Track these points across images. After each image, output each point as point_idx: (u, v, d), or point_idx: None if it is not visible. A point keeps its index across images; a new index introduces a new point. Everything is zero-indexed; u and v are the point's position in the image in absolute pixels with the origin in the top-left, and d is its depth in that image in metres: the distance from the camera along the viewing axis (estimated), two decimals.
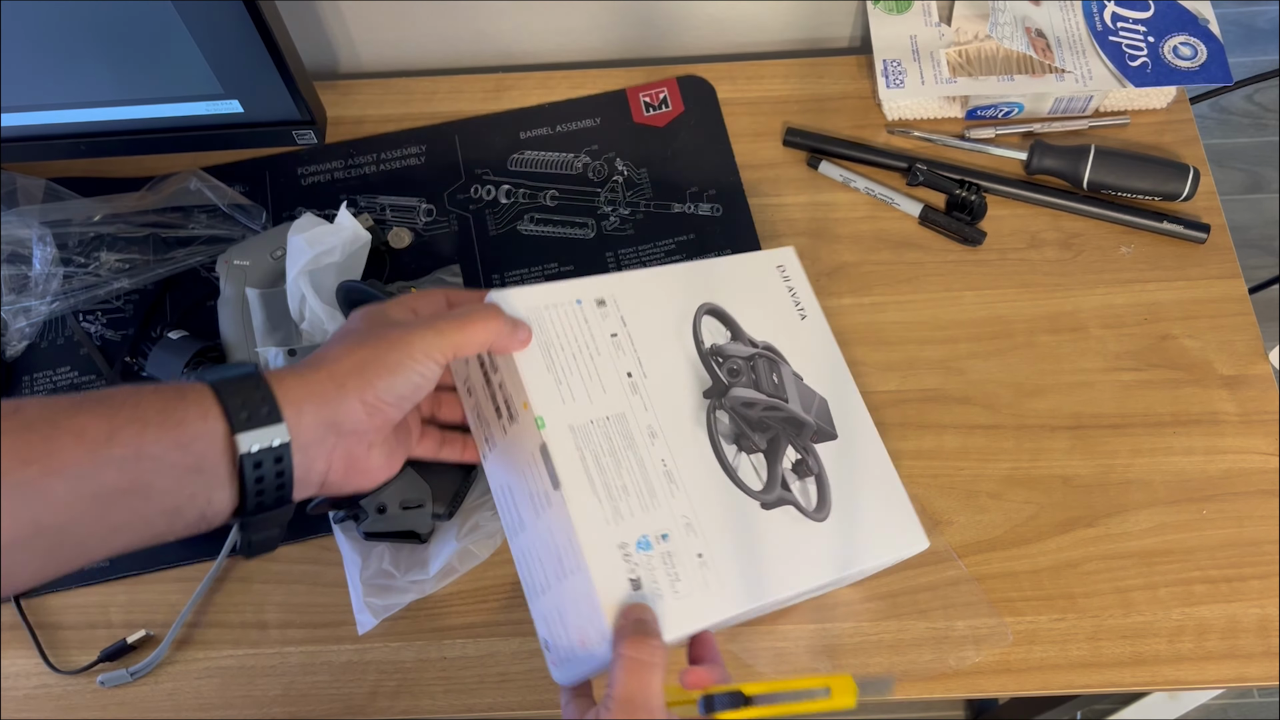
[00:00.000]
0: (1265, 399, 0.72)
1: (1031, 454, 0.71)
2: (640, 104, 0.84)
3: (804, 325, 0.63)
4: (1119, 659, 0.65)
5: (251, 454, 0.42)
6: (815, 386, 0.61)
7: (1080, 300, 0.75)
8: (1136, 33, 0.79)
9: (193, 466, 0.41)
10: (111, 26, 0.64)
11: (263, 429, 0.42)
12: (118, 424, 0.39)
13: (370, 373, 0.45)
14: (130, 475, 0.39)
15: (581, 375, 0.53)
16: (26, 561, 0.39)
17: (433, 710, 0.65)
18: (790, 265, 0.65)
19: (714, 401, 0.57)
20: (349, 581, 0.66)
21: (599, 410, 0.53)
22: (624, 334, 0.56)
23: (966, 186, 0.78)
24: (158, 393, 0.41)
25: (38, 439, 0.38)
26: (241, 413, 0.41)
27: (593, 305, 0.56)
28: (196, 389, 0.42)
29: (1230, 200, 1.66)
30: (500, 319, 0.50)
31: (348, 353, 0.45)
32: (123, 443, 0.39)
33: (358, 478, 0.49)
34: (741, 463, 0.56)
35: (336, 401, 0.44)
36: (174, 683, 0.66)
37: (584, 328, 0.55)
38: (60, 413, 0.39)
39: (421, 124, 0.83)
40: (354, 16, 0.84)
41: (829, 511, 0.57)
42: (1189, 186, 0.76)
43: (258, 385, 0.43)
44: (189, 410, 0.41)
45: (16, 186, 0.77)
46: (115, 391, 0.41)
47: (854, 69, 0.85)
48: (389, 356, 0.46)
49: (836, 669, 0.65)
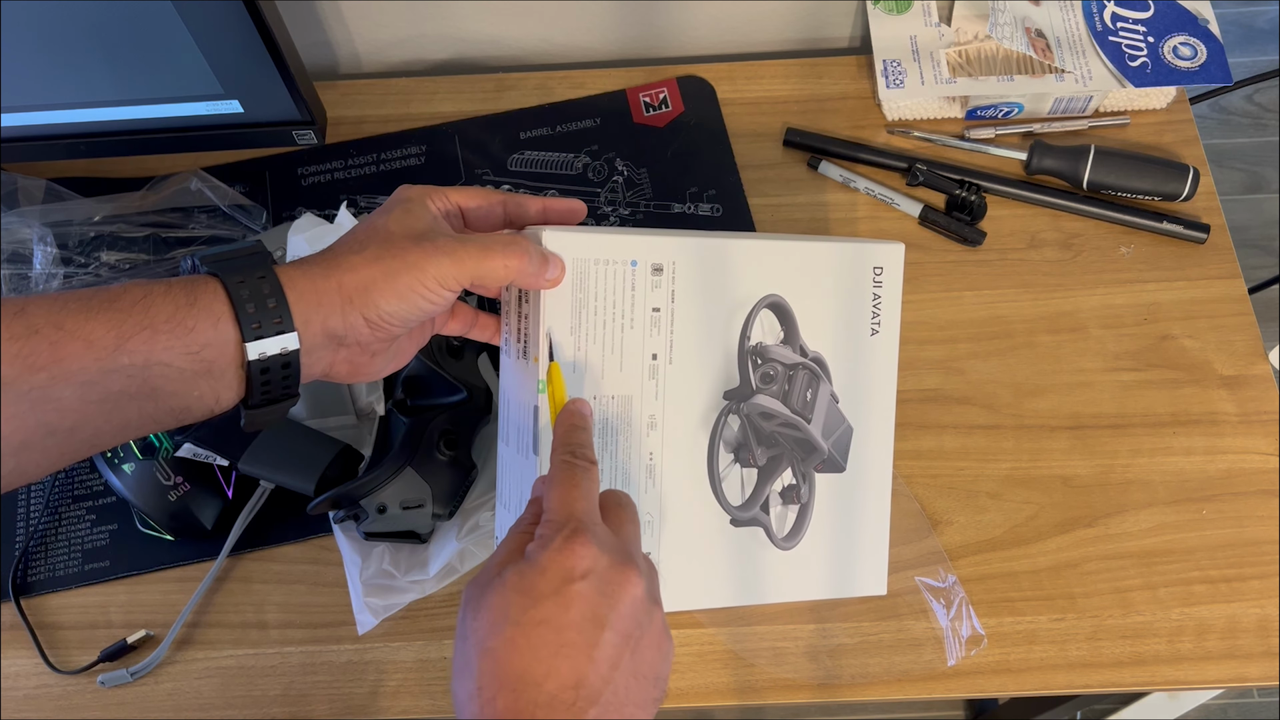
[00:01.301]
0: (1265, 399, 0.72)
1: (1031, 454, 0.71)
2: (640, 104, 0.84)
3: (870, 342, 0.56)
4: (1118, 659, 0.65)
5: (261, 359, 0.42)
6: (849, 412, 0.56)
7: (1080, 300, 0.75)
8: (1136, 33, 0.79)
9: (202, 371, 0.41)
10: (111, 26, 0.64)
11: (273, 338, 0.42)
12: (126, 331, 0.39)
13: (377, 293, 0.44)
14: (139, 381, 0.40)
15: (604, 347, 0.49)
16: (38, 459, 0.40)
17: (433, 710, 0.65)
18: (890, 268, 0.57)
19: (732, 405, 0.53)
20: (349, 581, 0.66)
21: (608, 388, 0.50)
22: (668, 310, 0.51)
23: (966, 187, 0.78)
24: (168, 294, 0.41)
25: (45, 345, 0.38)
26: (252, 321, 0.41)
27: (647, 271, 0.50)
28: (208, 291, 0.41)
29: (1230, 200, 1.66)
30: (525, 256, 0.46)
31: (363, 264, 0.44)
32: (132, 350, 0.39)
33: (362, 376, 0.49)
34: (730, 474, 0.54)
35: (341, 315, 0.44)
36: (174, 683, 0.66)
37: (628, 295, 0.50)
38: (68, 316, 0.39)
39: (421, 124, 0.84)
40: (354, 16, 0.84)
41: (798, 543, 0.55)
42: (1189, 186, 0.76)
43: (270, 291, 0.42)
44: (200, 317, 0.41)
45: (17, 186, 0.77)
46: (123, 292, 0.40)
47: (854, 69, 0.85)
48: (401, 279, 0.44)
49: (837, 668, 0.65)
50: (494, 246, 0.45)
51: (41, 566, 0.69)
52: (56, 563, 0.69)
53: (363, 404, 0.70)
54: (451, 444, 0.64)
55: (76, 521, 0.70)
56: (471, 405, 0.66)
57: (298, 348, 0.43)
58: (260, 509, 0.68)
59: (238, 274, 0.42)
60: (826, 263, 0.55)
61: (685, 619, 0.66)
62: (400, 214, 0.46)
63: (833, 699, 0.64)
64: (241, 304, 0.41)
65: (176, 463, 0.67)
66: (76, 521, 0.70)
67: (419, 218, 0.47)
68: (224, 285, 0.42)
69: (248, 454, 0.66)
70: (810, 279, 0.54)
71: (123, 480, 0.67)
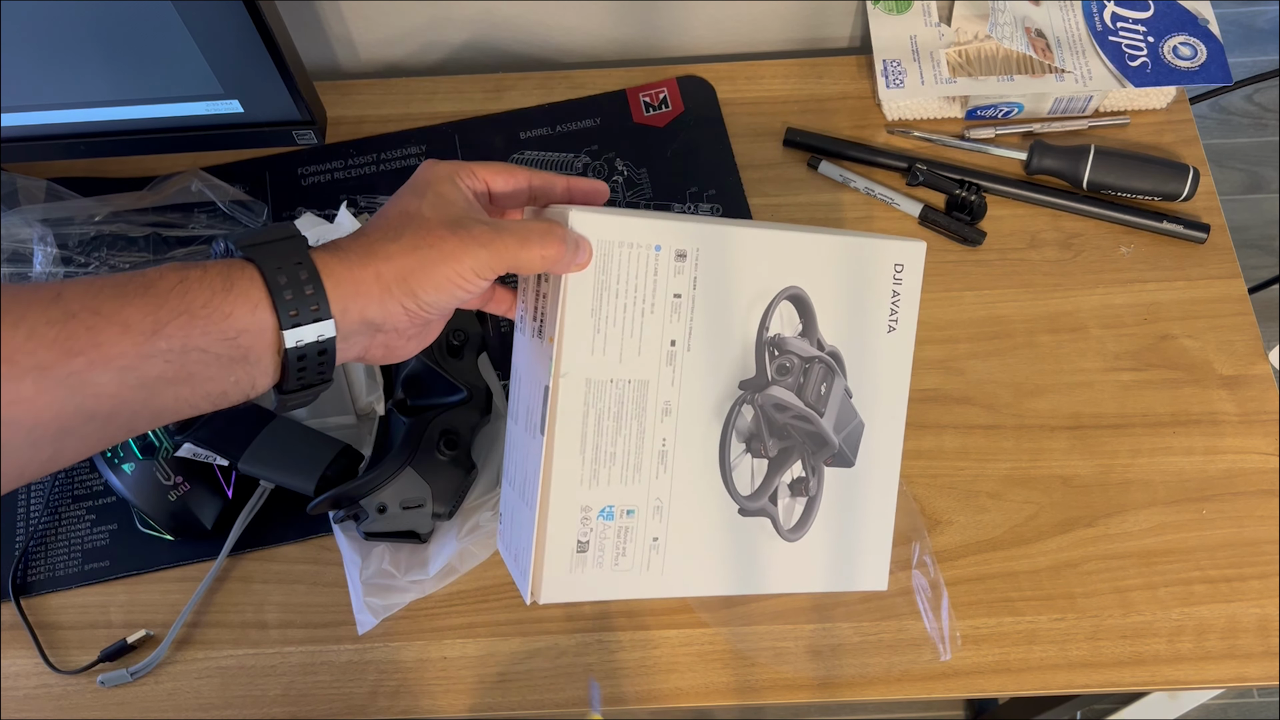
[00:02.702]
0: (1265, 399, 0.72)
1: (1031, 454, 0.71)
2: (640, 104, 0.84)
3: (886, 339, 0.56)
4: (1118, 659, 0.65)
5: (298, 347, 0.42)
6: (861, 408, 0.56)
7: (1080, 300, 0.75)
8: (1136, 33, 0.79)
9: (239, 357, 0.41)
10: (111, 26, 0.64)
11: (310, 325, 0.42)
12: (164, 316, 0.39)
13: (415, 283, 0.44)
14: (176, 366, 0.40)
15: (623, 331, 0.49)
16: (77, 445, 0.39)
17: (433, 710, 0.65)
18: (910, 266, 0.56)
19: (747, 394, 0.53)
20: (349, 581, 0.66)
21: (625, 372, 0.49)
22: (689, 297, 0.50)
23: (966, 186, 0.78)
24: (204, 279, 0.40)
25: (82, 329, 0.38)
26: (290, 309, 0.41)
27: (671, 256, 0.49)
28: (244, 277, 0.41)
29: (1230, 200, 1.66)
30: (562, 244, 0.46)
31: (400, 253, 0.44)
32: (169, 335, 0.39)
33: (396, 357, 0.50)
34: (741, 463, 0.54)
35: (379, 304, 0.44)
36: (174, 683, 0.66)
37: (650, 280, 0.49)
38: (105, 300, 0.39)
39: (421, 124, 0.84)
40: (354, 16, 0.84)
41: (804, 535, 0.55)
42: (1189, 186, 0.76)
43: (308, 278, 0.42)
44: (236, 304, 0.40)
45: (17, 186, 0.77)
46: (160, 276, 0.40)
47: (854, 69, 0.85)
48: (438, 270, 0.44)
49: (837, 668, 0.65)
50: (531, 237, 0.45)
51: (41, 566, 0.69)
52: (56, 562, 0.69)
53: (363, 404, 0.70)
54: (451, 444, 0.64)
55: (76, 521, 0.70)
56: (471, 405, 0.66)
57: (334, 335, 0.43)
58: (260, 509, 0.68)
59: (275, 259, 0.42)
60: (842, 255, 0.54)
61: (688, 619, 0.66)
62: (433, 198, 0.46)
63: (833, 698, 0.64)
64: (279, 291, 0.41)
65: (176, 462, 0.67)
66: (76, 521, 0.70)
67: (452, 202, 0.46)
68: (261, 271, 0.41)
69: (248, 454, 0.66)
70: (827, 274, 0.54)
71: (123, 480, 0.67)
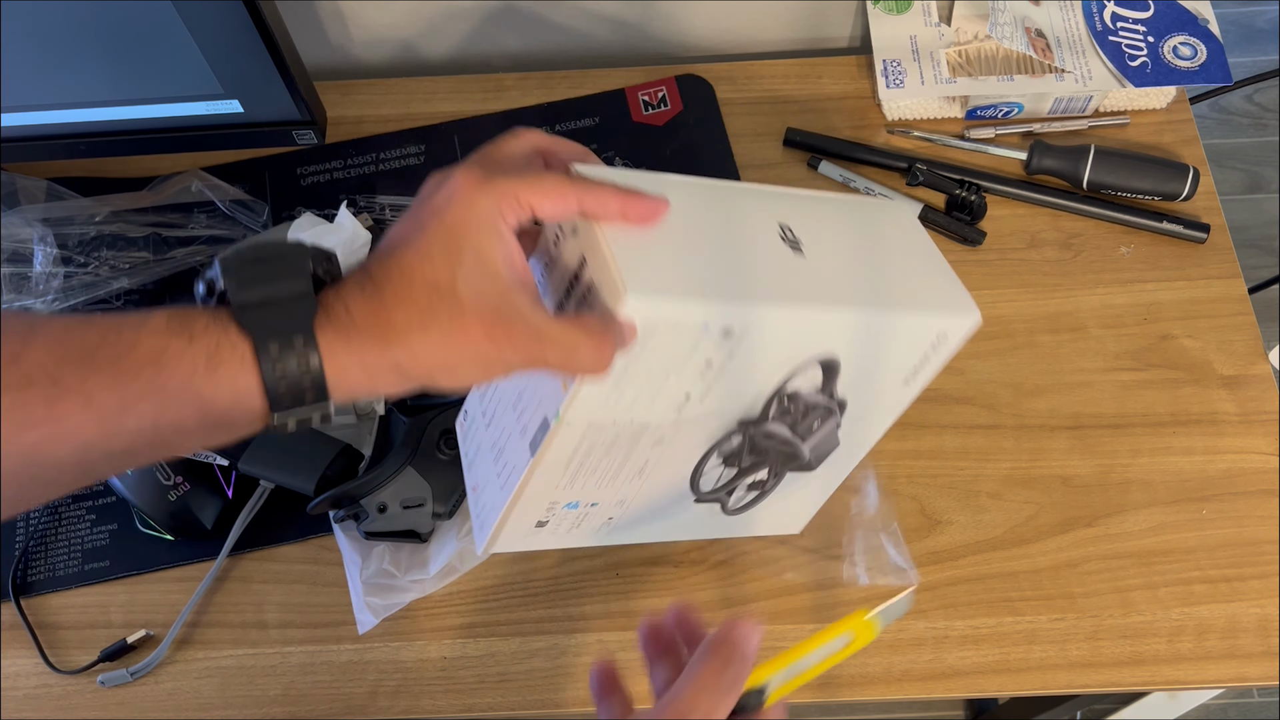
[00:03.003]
0: (1265, 399, 0.72)
1: (1031, 454, 0.71)
2: (639, 103, 0.84)
3: (898, 390, 0.54)
4: (1118, 659, 0.65)
5: (288, 424, 0.38)
6: (844, 436, 0.55)
7: (1080, 300, 0.75)
8: (1136, 33, 0.79)
9: (222, 425, 0.37)
10: (111, 26, 0.64)
11: (305, 408, 0.37)
12: (132, 396, 0.34)
13: (438, 376, 0.39)
14: (147, 439, 0.36)
15: (641, 387, 0.44)
16: (38, 495, 0.37)
17: (433, 710, 0.65)
18: (950, 342, 0.51)
19: (742, 427, 0.51)
20: (349, 581, 0.66)
21: (632, 415, 0.46)
22: (718, 365, 0.45)
23: (966, 186, 0.78)
24: (185, 354, 0.35)
25: (38, 401, 0.34)
26: (285, 400, 0.37)
27: (718, 335, 0.43)
28: (234, 358, 0.36)
29: (1230, 200, 1.66)
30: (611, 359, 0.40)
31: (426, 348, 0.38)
32: (139, 414, 0.35)
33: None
34: (712, 471, 0.53)
35: (395, 387, 0.39)
36: (174, 683, 0.66)
37: (686, 354, 0.44)
38: (66, 368, 0.34)
39: (421, 124, 0.83)
40: (354, 16, 0.84)
41: (746, 513, 0.58)
42: (1189, 186, 0.76)
43: (308, 370, 0.36)
44: (220, 387, 0.36)
45: (17, 186, 0.77)
46: (136, 342, 0.35)
47: (854, 69, 0.85)
48: (466, 369, 0.39)
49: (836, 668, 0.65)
50: (580, 351, 0.39)
51: (41, 566, 0.69)
52: (56, 562, 0.69)
53: (363, 404, 0.70)
54: (452, 443, 0.64)
55: (76, 521, 0.70)
56: None
57: (330, 412, 0.38)
58: (260, 509, 0.68)
59: (272, 333, 0.36)
60: (887, 329, 0.49)
61: None
62: (471, 267, 0.39)
63: (832, 699, 0.64)
64: (274, 382, 0.36)
65: (176, 462, 0.67)
66: (76, 521, 0.70)
67: (494, 274, 0.39)
68: (253, 347, 0.36)
69: (247, 454, 0.66)
70: (873, 344, 0.49)
71: (122, 480, 0.67)
